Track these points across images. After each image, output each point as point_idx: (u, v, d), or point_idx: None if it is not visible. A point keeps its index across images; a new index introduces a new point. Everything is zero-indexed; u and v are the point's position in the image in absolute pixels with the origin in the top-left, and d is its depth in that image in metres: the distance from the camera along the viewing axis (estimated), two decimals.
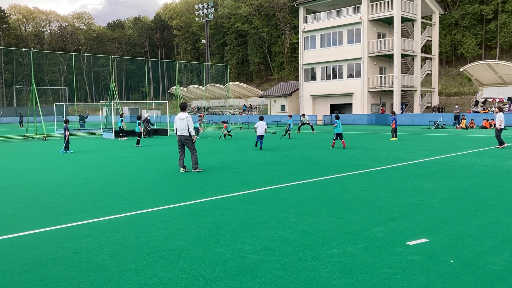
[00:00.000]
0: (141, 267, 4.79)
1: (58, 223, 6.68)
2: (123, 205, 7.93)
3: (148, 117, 30.87)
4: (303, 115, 33.67)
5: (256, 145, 18.80)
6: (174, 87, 47.85)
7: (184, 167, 12.11)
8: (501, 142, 17.26)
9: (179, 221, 6.72)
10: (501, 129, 17.29)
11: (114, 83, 34.52)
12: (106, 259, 5.05)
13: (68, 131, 18.43)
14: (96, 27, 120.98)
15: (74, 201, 8.34)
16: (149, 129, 29.65)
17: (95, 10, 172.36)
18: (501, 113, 17.55)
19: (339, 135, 18.40)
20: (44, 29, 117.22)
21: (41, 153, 18.77)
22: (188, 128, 11.89)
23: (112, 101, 30.80)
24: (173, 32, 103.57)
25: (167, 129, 30.85)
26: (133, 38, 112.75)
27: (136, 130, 22.22)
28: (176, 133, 12.15)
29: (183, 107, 12.27)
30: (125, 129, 27.53)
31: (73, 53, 40.45)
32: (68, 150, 18.40)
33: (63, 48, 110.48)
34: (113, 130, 28.61)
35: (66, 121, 19.03)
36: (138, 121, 22.17)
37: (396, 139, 22.01)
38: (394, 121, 22.23)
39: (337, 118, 18.58)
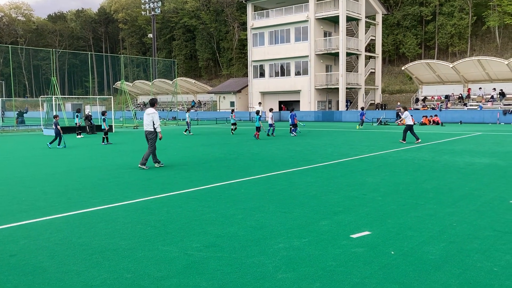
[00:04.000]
0: (83, 268, 4.63)
1: None
2: (64, 204, 7.63)
3: (90, 113, 29.82)
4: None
5: (268, 134, 23.92)
6: (120, 82, 46.60)
7: (158, 161, 12.14)
8: (404, 138, 18.75)
9: (124, 220, 6.55)
10: (411, 125, 18.75)
11: (55, 77, 33.06)
12: (46, 261, 4.83)
13: (57, 126, 18.52)
14: (35, 19, 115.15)
15: (11, 201, 7.92)
16: (92, 125, 28.66)
17: (34, 1, 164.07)
18: (407, 112, 19.19)
19: (257, 128, 21.92)
20: None
21: None
22: (154, 124, 11.81)
23: (54, 96, 29.48)
24: (118, 25, 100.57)
25: (111, 125, 29.94)
26: (76, 31, 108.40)
27: (102, 127, 21.03)
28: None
29: (152, 103, 12.17)
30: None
31: (10, 46, 38.24)
32: (50, 143, 18.49)
33: None
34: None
35: (56, 116, 19.27)
36: (103, 117, 20.93)
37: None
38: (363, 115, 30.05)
39: (257, 113, 22.58)
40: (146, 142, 12.25)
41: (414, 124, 19.20)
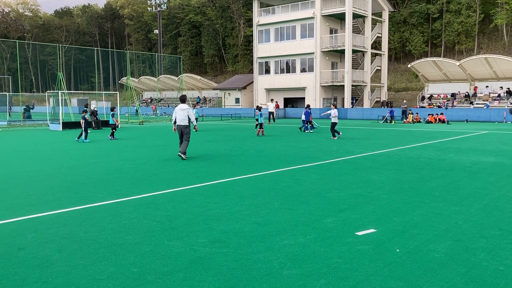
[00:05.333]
0: (90, 262, 4.67)
1: (1, 218, 6.38)
2: (71, 199, 7.68)
3: (96, 109, 29.98)
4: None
5: (300, 129, 24.69)
6: (125, 77, 46.64)
7: (184, 154, 12.92)
8: (334, 134, 19.80)
9: (130, 215, 6.59)
10: (335, 123, 19.93)
11: (61, 72, 33.17)
12: (53, 255, 4.88)
13: (83, 120, 19.21)
14: (42, 14, 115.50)
15: (19, 195, 7.98)
16: (97, 121, 28.81)
17: None
18: (335, 109, 20.15)
19: (260, 124, 22.17)
20: None
21: None
22: (189, 119, 12.93)
23: (60, 92, 29.60)
24: (124, 21, 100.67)
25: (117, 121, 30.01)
26: (82, 26, 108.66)
27: (110, 122, 21.16)
28: (173, 122, 12.96)
29: (183, 99, 13.18)
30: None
31: (17, 41, 38.33)
32: (85, 139, 19.10)
33: (6, 35, 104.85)
34: (61, 121, 27.57)
35: (84, 111, 20.09)
36: (112, 113, 21.11)
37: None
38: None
39: (260, 109, 22.82)
40: (178, 136, 13.16)
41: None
